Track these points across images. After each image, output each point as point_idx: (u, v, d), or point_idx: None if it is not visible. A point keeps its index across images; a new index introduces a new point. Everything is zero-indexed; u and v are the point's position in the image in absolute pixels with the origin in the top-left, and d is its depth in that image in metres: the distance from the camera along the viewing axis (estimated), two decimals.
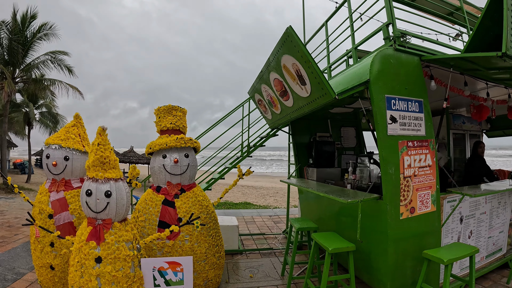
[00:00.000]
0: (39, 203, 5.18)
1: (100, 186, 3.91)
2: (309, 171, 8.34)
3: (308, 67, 4.40)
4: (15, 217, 11.02)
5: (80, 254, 3.83)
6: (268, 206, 16.34)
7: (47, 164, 5.29)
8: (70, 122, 5.71)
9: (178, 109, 5.65)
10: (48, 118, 29.11)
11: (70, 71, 21.12)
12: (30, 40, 20.41)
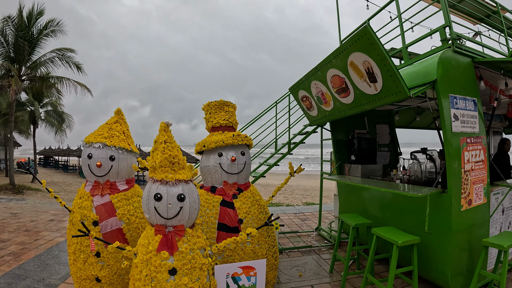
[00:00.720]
0: (80, 208, 4.59)
1: (171, 189, 3.48)
2: (351, 167, 8.17)
3: (384, 65, 4.44)
4: (30, 220, 10.35)
5: (150, 266, 3.38)
6: (291, 204, 15.92)
7: (89, 165, 4.69)
8: (112, 118, 5.12)
9: (230, 105, 5.36)
10: (53, 116, 28.44)
11: (79, 68, 20.40)
12: (37, 37, 19.76)
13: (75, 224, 4.59)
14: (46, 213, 11.35)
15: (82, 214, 4.53)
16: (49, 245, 7.80)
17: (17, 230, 9.03)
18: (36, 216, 10.93)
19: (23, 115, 27.20)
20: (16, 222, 10.03)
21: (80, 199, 4.70)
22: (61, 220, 10.41)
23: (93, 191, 4.72)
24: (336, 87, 5.78)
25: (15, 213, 11.29)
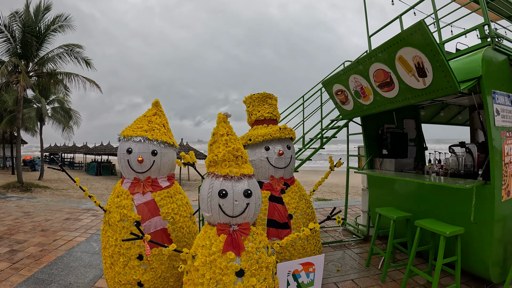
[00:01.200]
0: (119, 208, 4.20)
1: (237, 185, 3.28)
2: (383, 162, 8.14)
3: (436, 60, 4.52)
4: (45, 219, 9.88)
5: (214, 269, 3.16)
6: None
7: (129, 160, 4.31)
8: (150, 110, 4.74)
9: (273, 97, 5.25)
10: (60, 113, 27.93)
11: (88, 64, 19.82)
12: (44, 33, 19.23)
13: (112, 225, 4.22)
14: (60, 212, 10.89)
15: (121, 214, 4.17)
16: (70, 246, 7.37)
17: (33, 230, 8.57)
18: (50, 214, 10.47)
19: (30, 112, 26.70)
20: (30, 221, 9.57)
21: (118, 198, 4.33)
22: (78, 219, 9.96)
23: (133, 188, 4.35)
24: (379, 81, 5.77)
25: (27, 212, 10.81)
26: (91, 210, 11.25)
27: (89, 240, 7.92)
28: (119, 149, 4.42)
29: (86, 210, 11.29)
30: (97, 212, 11.00)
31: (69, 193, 18.96)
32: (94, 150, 32.99)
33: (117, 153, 4.48)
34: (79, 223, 9.52)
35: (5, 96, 28.12)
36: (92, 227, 9.13)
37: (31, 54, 19.04)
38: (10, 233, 8.26)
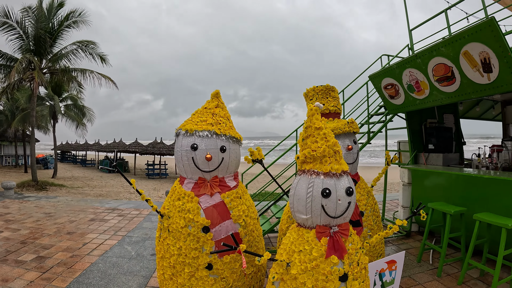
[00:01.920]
0: (182, 212, 3.66)
1: (339, 183, 2.95)
2: (430, 156, 8.11)
3: (504, 56, 4.58)
4: (68, 220, 9.23)
5: (317, 275, 2.84)
6: None
7: (194, 157, 3.70)
8: (211, 102, 4.10)
9: (335, 90, 4.96)
10: (73, 111, 27.31)
11: (103, 60, 19.13)
12: (58, 29, 18.57)
13: (174, 231, 3.66)
14: (83, 212, 10.23)
15: (187, 219, 3.60)
16: (102, 250, 6.72)
17: (58, 233, 7.92)
18: (73, 215, 9.82)
19: (43, 110, 26.13)
20: (53, 223, 8.92)
21: (180, 201, 3.75)
22: (104, 220, 9.33)
23: (198, 190, 3.77)
24: (438, 76, 5.83)
25: (49, 212, 10.15)
26: (116, 210, 10.61)
27: (121, 243, 7.28)
28: (179, 145, 3.81)
29: (110, 209, 10.64)
30: (123, 212, 10.38)
31: (85, 191, 18.35)
32: (107, 147, 32.36)
33: (176, 150, 3.87)
34: (106, 224, 8.88)
35: (17, 95, 27.57)
36: (120, 228, 8.50)
37: (45, 50, 18.40)
38: (34, 237, 7.61)
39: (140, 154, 28.97)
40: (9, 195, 12.85)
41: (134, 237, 7.77)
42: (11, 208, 10.67)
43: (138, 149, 28.37)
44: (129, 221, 9.26)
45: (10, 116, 29.48)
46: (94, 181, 23.78)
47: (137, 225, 8.90)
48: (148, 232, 8.19)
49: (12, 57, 18.64)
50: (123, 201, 12.31)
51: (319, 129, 3.08)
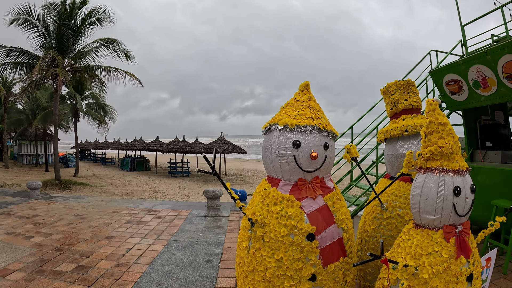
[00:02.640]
0: (282, 218, 3.12)
1: (466, 180, 2.81)
2: (488, 154, 7.71)
3: None
4: (103, 223, 8.50)
5: (449, 278, 2.64)
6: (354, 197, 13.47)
7: (297, 156, 3.20)
8: (302, 95, 3.53)
9: (414, 85, 4.58)
10: (95, 109, 26.73)
11: (128, 57, 18.38)
12: (80, 26, 17.92)
13: (272, 241, 3.09)
14: (118, 214, 9.49)
15: (289, 227, 3.07)
16: (149, 258, 5.95)
17: (95, 238, 7.18)
18: (107, 217, 9.08)
19: (64, 109, 25.60)
20: (87, 226, 8.18)
21: (278, 206, 3.18)
22: (141, 222, 8.58)
23: (298, 192, 3.24)
24: (508, 72, 5.62)
25: (80, 214, 9.43)
26: (152, 211, 9.83)
27: (169, 248, 6.51)
28: (274, 142, 3.26)
29: (145, 211, 9.87)
30: (160, 213, 9.60)
31: (109, 190, 17.73)
32: (128, 146, 31.76)
33: (268, 148, 3.32)
34: (145, 227, 8.12)
35: (37, 93, 27.10)
36: (162, 231, 7.76)
37: (68, 48, 17.77)
38: (69, 242, 6.87)
39: (162, 152, 28.35)
40: (35, 195, 12.16)
41: (180, 242, 7.01)
42: (38, 209, 9.97)
43: (160, 147, 27.77)
44: (169, 223, 8.49)
45: (31, 115, 29.08)
46: (117, 180, 23.21)
47: (180, 227, 8.13)
48: (194, 236, 7.43)
49: (34, 55, 18.03)
50: (157, 202, 11.54)
51: (443, 124, 2.89)
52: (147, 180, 23.36)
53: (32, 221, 8.61)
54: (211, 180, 23.88)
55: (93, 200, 11.46)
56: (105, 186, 19.42)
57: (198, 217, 9.24)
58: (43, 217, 9.00)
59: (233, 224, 8.52)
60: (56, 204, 10.73)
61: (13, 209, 9.93)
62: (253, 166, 35.61)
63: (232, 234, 7.63)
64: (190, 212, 9.72)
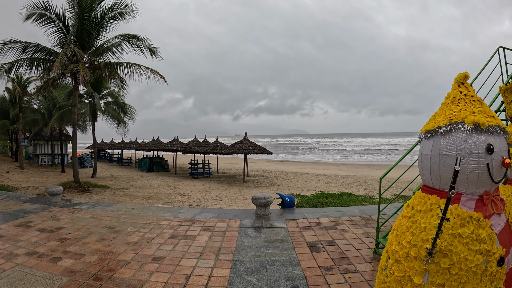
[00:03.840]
0: (474, 243, 2.40)
1: None
2: None
3: None
4: (144, 238, 6.96)
5: None
6: (390, 199, 11.93)
7: (490, 163, 2.54)
8: (463, 88, 2.88)
9: None
10: (113, 108, 25.16)
11: (153, 53, 16.69)
12: (101, 21, 16.36)
13: (459, 273, 2.39)
14: (156, 226, 7.91)
15: (483, 252, 2.40)
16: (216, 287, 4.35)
17: (140, 260, 5.64)
18: (146, 230, 7.53)
19: (82, 108, 24.11)
20: (125, 243, 6.62)
21: (465, 228, 2.47)
22: (188, 237, 7.03)
23: (484, 209, 2.59)
24: None
25: (112, 226, 7.87)
26: (196, 222, 8.25)
27: (238, 273, 5.07)
28: (463, 146, 2.58)
29: (188, 221, 8.29)
30: (206, 224, 8.03)
31: (131, 193, 16.15)
32: (146, 146, 30.15)
33: (455, 153, 2.58)
34: (196, 243, 6.59)
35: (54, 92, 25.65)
36: (219, 248, 6.26)
37: (88, 43, 16.24)
38: (109, 267, 5.32)
39: (183, 153, 26.77)
40: (55, 202, 10.51)
41: (247, 262, 5.54)
42: (62, 220, 8.39)
43: (180, 148, 26.19)
44: (222, 238, 6.97)
45: (47, 115, 27.64)
46: (137, 181, 21.66)
47: (237, 243, 6.64)
48: (259, 254, 5.95)
49: (52, 51, 16.54)
50: (197, 210, 9.81)
51: None
52: (168, 181, 21.80)
53: (56, 235, 7.08)
54: (235, 182, 22.28)
55: (123, 208, 9.83)
56: (126, 188, 17.85)
57: (252, 228, 7.71)
58: (69, 230, 7.47)
59: (295, 236, 7.02)
60: (81, 213, 9.14)
61: (32, 220, 8.39)
62: (272, 167, 33.86)
63: (301, 249, 6.26)
64: (241, 223, 8.16)
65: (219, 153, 24.44)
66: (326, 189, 18.12)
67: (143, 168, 29.84)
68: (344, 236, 6.94)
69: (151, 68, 16.85)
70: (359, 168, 32.56)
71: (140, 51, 16.66)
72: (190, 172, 25.16)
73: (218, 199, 15.60)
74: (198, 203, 14.53)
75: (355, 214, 8.76)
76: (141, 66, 16.81)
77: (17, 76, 27.91)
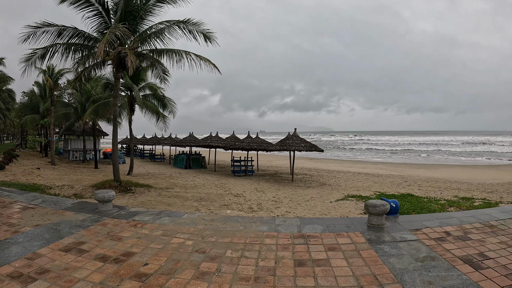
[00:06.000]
0: None
1: None
2: None
3: None
4: (261, 267, 4.55)
5: None
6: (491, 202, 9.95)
7: None
8: None
9: None
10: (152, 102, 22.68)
11: (207, 39, 14.04)
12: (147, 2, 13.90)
13: None
14: (260, 245, 5.47)
15: None
16: None
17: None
18: (253, 255, 5.08)
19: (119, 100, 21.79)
20: (239, 279, 4.28)
21: None
22: (319, 262, 4.73)
23: None
24: None
25: (202, 250, 5.41)
26: (310, 238, 5.87)
27: None
28: None
29: (299, 237, 5.85)
30: (324, 240, 5.59)
31: (180, 194, 13.69)
32: (183, 142, 27.55)
33: None
34: (338, 271, 4.39)
35: (87, 86, 23.36)
36: (375, 276, 4.39)
37: (132, 28, 13.74)
38: None
39: (225, 150, 24.22)
40: (106, 211, 7.85)
41: None
42: (125, 239, 5.90)
43: (221, 144, 23.65)
44: (362, 260, 4.96)
45: (80, 108, 25.34)
46: (177, 179, 19.23)
47: (387, 265, 4.76)
48: (428, 279, 4.36)
49: (90, 35, 14.24)
50: (295, 220, 6.92)
51: None
52: (211, 179, 19.33)
53: (129, 269, 4.69)
54: (282, 181, 19.72)
55: (198, 220, 7.22)
56: (170, 188, 15.40)
57: (384, 244, 5.65)
58: (142, 258, 5.06)
59: (439, 250, 5.31)
60: (148, 228, 6.61)
61: (83, 239, 5.93)
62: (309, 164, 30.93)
63: (463, 267, 4.66)
64: (365, 237, 5.99)
65: (265, 150, 21.90)
66: (381, 189, 16.01)
67: (179, 165, 27.36)
68: (488, 248, 5.39)
69: (202, 56, 14.22)
70: (398, 167, 29.88)
71: (193, 37, 14.03)
72: (232, 169, 22.57)
73: (278, 201, 13.15)
74: (259, 206, 12.21)
75: (470, 220, 6.95)
76: (190, 54, 14.21)
77: (49, 67, 25.77)
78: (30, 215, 7.44)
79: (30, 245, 5.48)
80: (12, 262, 4.80)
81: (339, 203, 12.17)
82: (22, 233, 6.11)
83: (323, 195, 14.37)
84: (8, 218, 7.18)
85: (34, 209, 7.96)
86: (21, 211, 7.76)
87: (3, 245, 5.49)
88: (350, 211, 10.67)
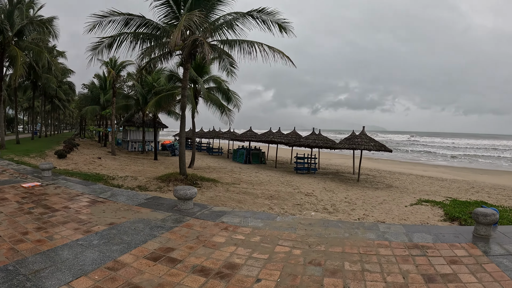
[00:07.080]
0: None
1: None
2: None
3: None
4: (391, 284, 3.53)
5: None
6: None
7: None
8: None
9: None
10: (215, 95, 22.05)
11: (283, 29, 13.15)
12: None
13: None
14: (376, 256, 4.57)
15: None
16: None
17: None
18: (375, 268, 4.19)
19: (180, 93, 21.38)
20: None
21: None
22: (448, 278, 3.86)
23: None
24: None
25: (317, 262, 4.64)
26: (426, 249, 4.98)
27: None
28: None
29: (412, 247, 4.93)
30: (441, 252, 4.61)
31: (248, 190, 12.89)
32: (243, 136, 26.84)
33: None
34: None
35: (149, 78, 23.09)
36: None
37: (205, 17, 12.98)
38: None
39: (288, 146, 23.23)
40: (188, 210, 6.98)
41: None
42: (220, 246, 5.12)
43: (284, 140, 22.68)
44: (490, 276, 4.16)
45: (142, 100, 25.16)
46: (240, 174, 18.63)
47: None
48: None
49: (159, 25, 13.81)
50: (397, 226, 5.86)
51: None
52: (275, 176, 18.52)
53: (241, 287, 3.84)
54: (347, 181, 18.61)
55: (295, 224, 6.36)
56: (237, 183, 14.67)
57: (504, 257, 4.70)
58: (252, 272, 4.24)
59: None
60: (241, 233, 5.78)
61: (170, 244, 5.08)
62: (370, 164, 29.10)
63: None
64: (483, 249, 5.09)
65: (330, 148, 20.80)
66: (450, 194, 14.55)
67: (238, 160, 26.83)
68: None
69: (275, 47, 13.25)
70: (460, 171, 27.79)
71: (267, 27, 13.13)
72: (295, 166, 21.60)
73: (351, 202, 12.18)
74: (334, 206, 11.31)
75: None
76: (263, 45, 13.28)
77: (111, 59, 25.90)
78: (101, 210, 6.77)
79: (108, 250, 4.67)
80: (90, 273, 3.95)
81: (414, 208, 11.14)
82: (95, 233, 5.34)
83: (394, 198, 13.25)
84: (77, 213, 6.48)
85: (104, 204, 7.31)
86: (90, 205, 7.12)
87: (75, 248, 4.71)
88: (428, 217, 9.71)
